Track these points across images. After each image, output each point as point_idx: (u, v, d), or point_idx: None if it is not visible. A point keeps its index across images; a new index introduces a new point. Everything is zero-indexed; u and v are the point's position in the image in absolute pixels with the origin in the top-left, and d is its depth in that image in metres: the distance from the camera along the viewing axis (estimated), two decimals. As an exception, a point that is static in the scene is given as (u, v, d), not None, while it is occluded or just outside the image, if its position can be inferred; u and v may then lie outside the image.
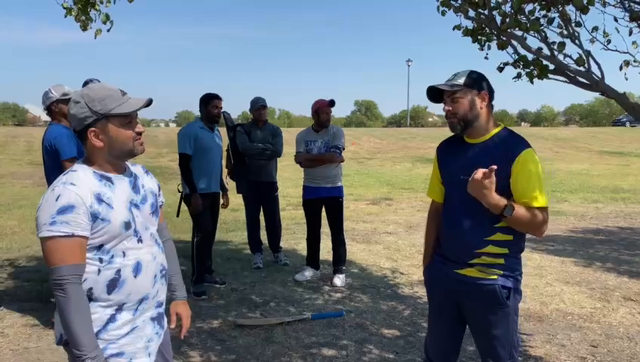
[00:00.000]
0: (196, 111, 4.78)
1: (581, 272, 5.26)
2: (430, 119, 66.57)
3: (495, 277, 2.10)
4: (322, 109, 4.83)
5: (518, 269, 2.14)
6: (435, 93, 2.18)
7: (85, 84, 4.11)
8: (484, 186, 1.97)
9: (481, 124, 2.12)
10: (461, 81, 2.10)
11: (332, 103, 4.85)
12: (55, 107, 3.66)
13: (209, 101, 4.64)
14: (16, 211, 8.80)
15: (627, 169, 16.93)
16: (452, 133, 2.26)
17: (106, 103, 1.62)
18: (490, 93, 2.15)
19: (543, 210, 2.04)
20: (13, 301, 4.32)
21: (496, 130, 2.14)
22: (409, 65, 52.06)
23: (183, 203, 4.64)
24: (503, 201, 1.99)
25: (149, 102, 1.69)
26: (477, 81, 2.11)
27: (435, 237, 2.35)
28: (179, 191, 4.65)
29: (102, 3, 4.09)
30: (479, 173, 1.97)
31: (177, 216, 4.67)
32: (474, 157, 2.11)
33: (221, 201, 4.94)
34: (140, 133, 1.70)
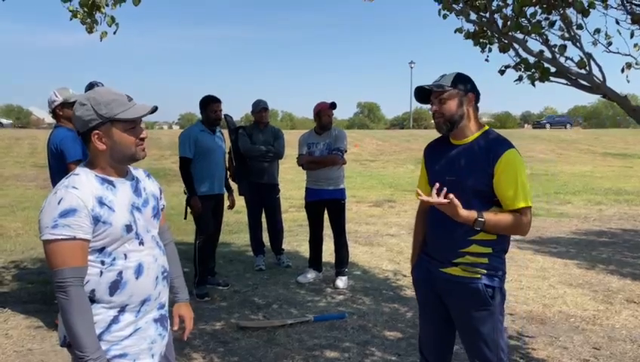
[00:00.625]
0: (199, 113, 4.81)
1: (584, 274, 5.25)
2: (432, 121, 66.40)
3: (479, 276, 2.12)
4: (323, 112, 4.85)
5: (501, 269, 2.17)
6: (423, 94, 2.22)
7: (89, 86, 4.14)
8: (450, 206, 2.01)
9: (466, 125, 2.15)
10: (448, 82, 2.13)
11: (333, 106, 4.87)
12: (59, 110, 3.68)
13: (207, 105, 4.66)
14: (19, 213, 8.83)
15: (630, 171, 16.88)
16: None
17: (111, 107, 1.64)
18: (477, 95, 2.18)
19: (526, 209, 2.06)
20: (17, 302, 4.34)
21: (480, 132, 2.17)
22: (412, 67, 52.06)
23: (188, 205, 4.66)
24: (472, 215, 2.02)
25: (154, 110, 1.72)
26: (464, 83, 2.15)
27: (423, 236, 2.37)
28: (185, 193, 4.67)
29: (107, 6, 4.11)
30: (440, 199, 2.00)
31: (185, 218, 4.70)
32: (458, 158, 2.15)
33: (227, 203, 4.96)
34: (142, 139, 1.72)
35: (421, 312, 2.41)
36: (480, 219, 2.02)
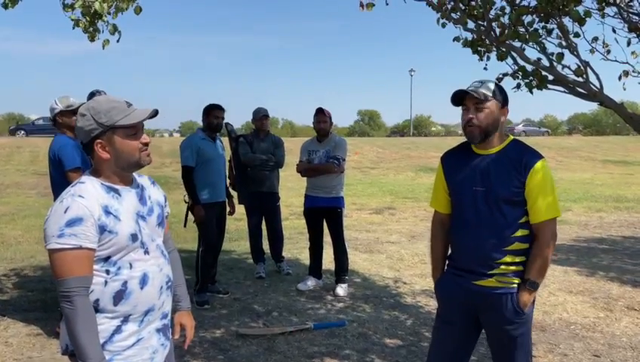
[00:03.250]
0: (200, 121, 4.84)
1: (584, 282, 5.25)
2: (433, 128, 66.57)
3: (514, 285, 2.11)
4: (315, 119, 4.92)
5: None
6: (458, 97, 2.14)
7: (91, 95, 4.17)
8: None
9: (495, 136, 2.14)
10: (489, 91, 2.09)
11: (319, 110, 4.91)
12: (59, 118, 3.70)
13: (210, 111, 4.70)
14: (20, 221, 8.84)
15: (631, 178, 16.89)
16: (456, 144, 2.28)
17: (111, 115, 1.64)
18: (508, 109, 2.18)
19: (552, 221, 2.09)
20: (17, 310, 4.34)
21: (507, 142, 2.16)
22: (412, 75, 52.29)
23: (189, 213, 4.67)
24: (530, 294, 2.11)
25: (154, 113, 1.70)
26: (503, 95, 2.13)
27: (444, 249, 2.32)
28: (185, 202, 4.68)
29: (109, 14, 4.14)
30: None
31: (185, 226, 4.71)
32: (486, 168, 2.12)
33: (228, 209, 4.98)
34: (146, 144, 1.71)
35: (441, 327, 2.32)
36: (534, 288, 2.11)
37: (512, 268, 2.10)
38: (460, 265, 2.21)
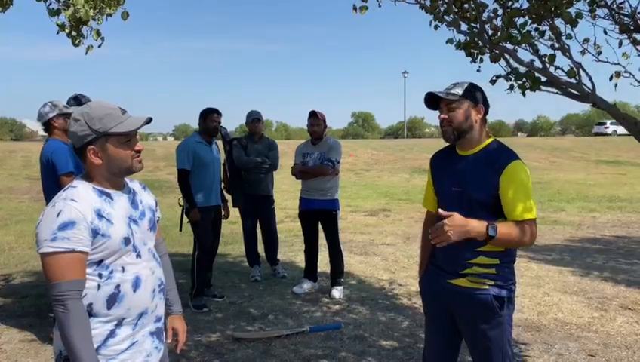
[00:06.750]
0: (194, 124, 4.84)
1: (579, 282, 5.27)
2: (427, 130, 66.82)
3: (487, 287, 2.11)
4: (308, 122, 4.93)
5: (511, 279, 2.15)
6: (432, 101, 2.20)
7: (75, 99, 4.12)
8: (459, 226, 1.93)
9: (473, 136, 2.15)
10: (460, 91, 2.13)
11: (312, 113, 4.92)
12: (55, 122, 3.68)
13: (207, 115, 4.70)
14: (13, 227, 8.78)
15: (623, 178, 16.99)
16: (447, 144, 2.29)
17: (105, 122, 1.64)
18: (486, 107, 2.18)
19: (532, 222, 2.05)
20: (11, 316, 4.31)
21: (486, 143, 2.17)
22: (405, 77, 52.54)
23: (185, 216, 4.66)
24: (483, 224, 1.96)
25: (147, 121, 1.71)
26: (474, 94, 2.14)
27: (431, 247, 2.35)
28: (180, 205, 4.66)
29: (94, 20, 4.12)
30: (447, 222, 1.93)
31: (180, 230, 4.69)
32: (463, 169, 2.15)
33: (222, 213, 4.97)
34: (138, 151, 1.72)
35: (427, 324, 2.39)
36: (492, 226, 1.96)
37: (485, 269, 2.11)
38: (438, 263, 2.26)
